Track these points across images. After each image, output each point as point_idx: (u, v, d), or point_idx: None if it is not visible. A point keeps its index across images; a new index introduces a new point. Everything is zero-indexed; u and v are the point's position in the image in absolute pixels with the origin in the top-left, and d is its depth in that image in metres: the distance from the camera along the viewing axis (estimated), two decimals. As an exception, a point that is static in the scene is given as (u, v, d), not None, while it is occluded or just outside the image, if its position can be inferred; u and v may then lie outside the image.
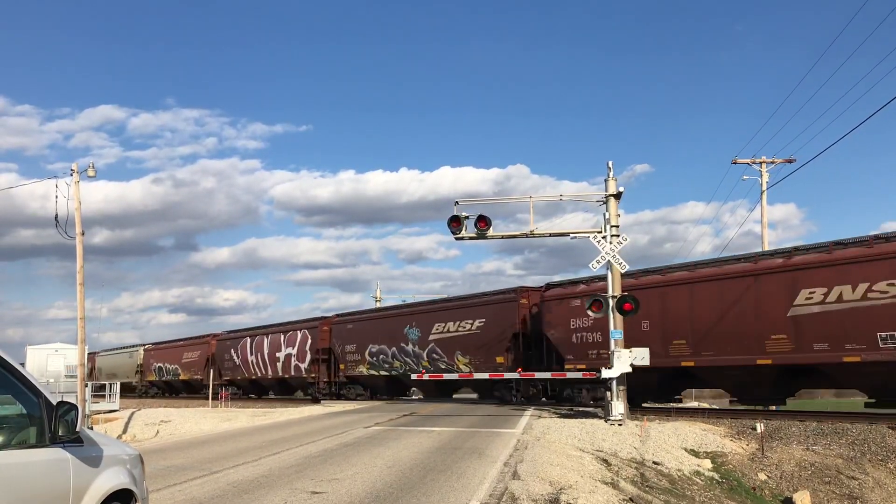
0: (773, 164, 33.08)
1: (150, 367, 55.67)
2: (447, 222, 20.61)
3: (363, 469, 12.07)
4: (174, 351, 53.22)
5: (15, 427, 5.07)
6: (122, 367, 58.92)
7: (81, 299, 26.50)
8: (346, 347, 36.64)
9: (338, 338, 37.34)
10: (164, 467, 12.71)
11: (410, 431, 18.49)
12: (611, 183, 20.27)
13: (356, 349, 35.94)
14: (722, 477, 14.70)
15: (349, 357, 36.35)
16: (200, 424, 24.70)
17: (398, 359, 33.21)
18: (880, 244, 17.77)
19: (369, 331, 35.53)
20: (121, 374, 57.77)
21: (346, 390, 37.23)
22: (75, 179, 26.50)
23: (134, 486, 5.92)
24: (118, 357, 60.76)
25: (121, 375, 57.54)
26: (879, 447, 15.52)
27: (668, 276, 22.84)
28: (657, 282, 22.85)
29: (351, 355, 36.25)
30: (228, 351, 46.35)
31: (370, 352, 34.94)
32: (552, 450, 14.32)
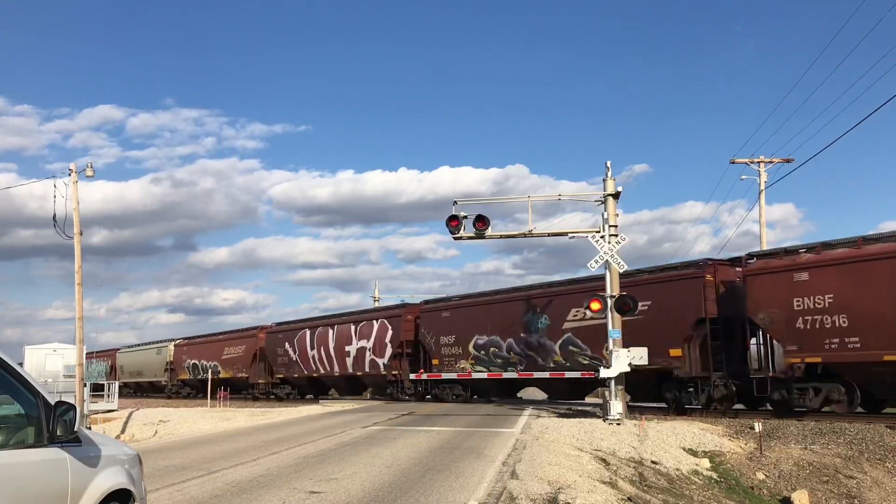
0: (771, 163, 33.10)
1: (183, 365, 50.11)
2: (446, 222, 20.63)
3: (362, 469, 12.07)
4: (212, 346, 47.12)
5: (13, 427, 5.07)
6: (148, 365, 55.02)
7: (79, 299, 26.49)
8: (440, 339, 31.25)
9: (428, 328, 32.08)
10: (162, 467, 12.70)
11: (409, 431, 18.49)
12: (609, 183, 20.28)
13: (455, 341, 30.55)
14: (720, 476, 14.72)
15: (445, 350, 30.95)
16: (199, 424, 24.70)
17: (517, 352, 27.73)
18: None
19: (473, 318, 30.00)
20: (147, 373, 55.05)
21: (442, 391, 31.68)
22: (73, 179, 26.49)
23: (132, 486, 5.92)
24: (143, 354, 56.51)
25: (147, 374, 55.10)
26: (877, 446, 15.54)
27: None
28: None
29: (448, 348, 30.86)
30: (282, 345, 40.73)
31: (476, 344, 29.55)
32: (551, 449, 14.33)
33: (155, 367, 53.90)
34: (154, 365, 54.14)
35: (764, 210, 32.98)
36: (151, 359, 54.84)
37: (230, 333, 47.88)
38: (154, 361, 54.19)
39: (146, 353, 56.41)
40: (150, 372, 54.58)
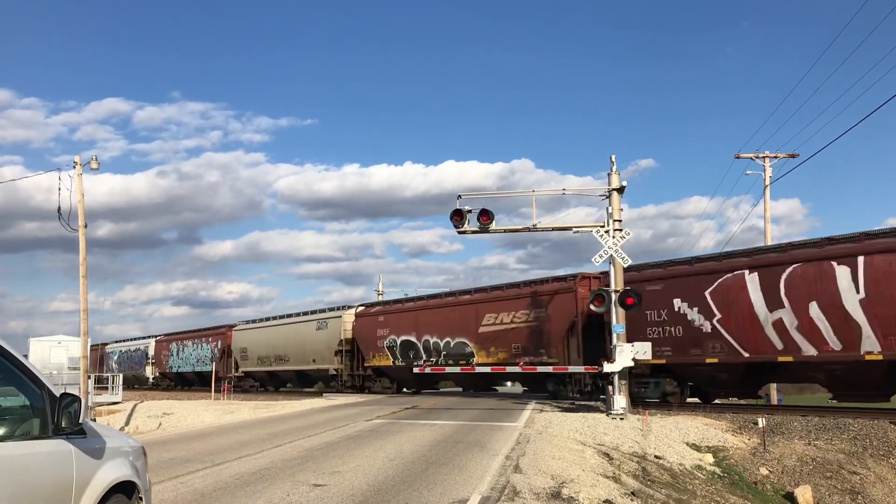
0: (776, 158, 32.99)
1: (383, 342, 34.89)
2: (450, 216, 20.61)
3: (365, 462, 12.09)
4: (438, 312, 32.48)
5: (18, 418, 5.07)
6: (309, 343, 39.82)
7: (84, 292, 26.56)
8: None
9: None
10: (166, 459, 12.74)
11: (412, 425, 18.52)
12: (613, 177, 20.24)
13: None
14: (723, 471, 14.71)
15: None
16: (203, 417, 24.76)
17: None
18: None
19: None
20: (306, 357, 40.35)
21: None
22: (78, 172, 26.52)
23: (137, 478, 5.93)
24: (292, 329, 41.77)
25: (304, 359, 40.64)
26: (881, 442, 15.53)
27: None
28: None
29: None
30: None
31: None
32: (554, 444, 14.34)
33: (321, 347, 39.12)
34: (320, 344, 39.16)
35: (769, 205, 32.92)
36: (311, 335, 39.92)
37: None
38: (319, 340, 39.28)
39: (302, 327, 40.92)
40: (314, 353, 39.75)
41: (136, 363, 60.51)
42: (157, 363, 56.93)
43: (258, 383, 46.05)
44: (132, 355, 61.85)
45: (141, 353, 59.75)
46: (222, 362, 46.89)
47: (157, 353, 57.52)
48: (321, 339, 39.39)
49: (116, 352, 64.48)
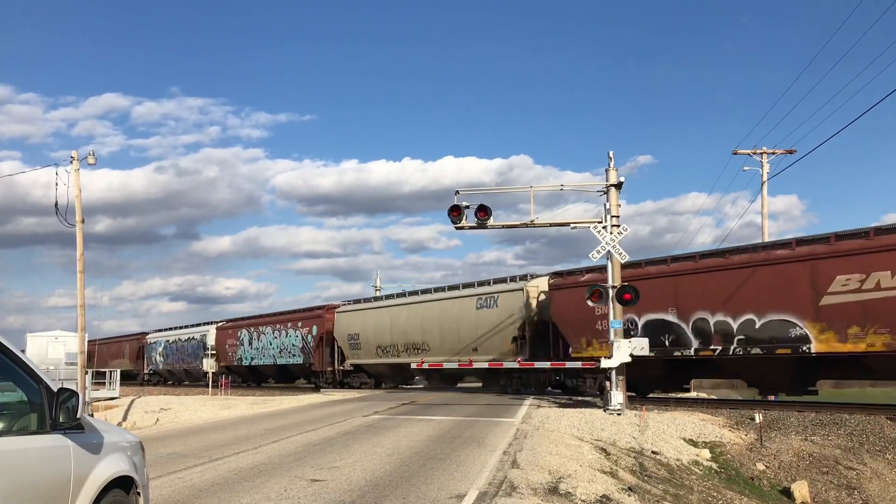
0: (773, 154, 33.01)
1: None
2: (447, 212, 20.60)
3: (363, 457, 12.10)
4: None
5: (16, 414, 5.08)
6: (465, 327, 29.76)
7: (81, 287, 26.50)
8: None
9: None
10: (164, 454, 12.75)
11: (410, 420, 18.53)
12: (611, 173, 20.24)
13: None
14: (720, 467, 14.74)
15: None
16: (200, 412, 24.76)
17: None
18: None
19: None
20: (459, 345, 29.85)
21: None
22: (75, 167, 26.46)
23: (134, 473, 5.93)
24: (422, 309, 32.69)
25: (455, 348, 30.03)
26: (878, 438, 15.57)
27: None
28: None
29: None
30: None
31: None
32: (551, 439, 14.36)
33: (481, 332, 29.14)
34: (479, 328, 29.24)
35: (766, 201, 32.94)
36: (464, 316, 29.93)
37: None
38: (478, 322, 29.24)
39: (442, 309, 31.38)
40: (454, 342, 30.20)
41: (189, 355, 50.53)
42: (221, 355, 46.40)
43: (372, 379, 37.04)
44: (183, 346, 51.63)
45: (196, 343, 49.71)
46: (318, 353, 38.58)
47: (219, 342, 47.52)
48: (487, 320, 28.35)
49: (161, 342, 55.09)
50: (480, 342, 29.06)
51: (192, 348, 50.37)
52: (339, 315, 38.16)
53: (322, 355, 38.61)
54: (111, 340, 64.00)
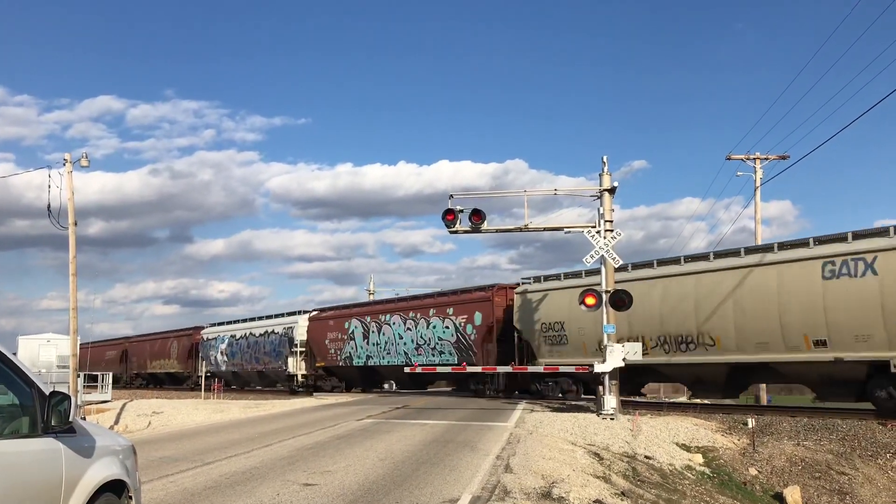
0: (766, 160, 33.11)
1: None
2: (442, 216, 20.64)
3: (356, 461, 12.08)
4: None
5: (7, 417, 5.05)
6: (814, 305, 18.59)
7: (74, 290, 26.44)
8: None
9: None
10: (156, 458, 12.69)
11: (403, 424, 18.51)
12: (605, 178, 20.29)
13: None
14: (713, 471, 14.77)
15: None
16: (192, 416, 24.68)
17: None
18: None
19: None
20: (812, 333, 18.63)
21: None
22: (68, 169, 26.39)
23: (126, 477, 5.90)
24: (767, 275, 19.86)
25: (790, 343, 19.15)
26: (869, 443, 15.62)
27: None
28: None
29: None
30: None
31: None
32: (544, 443, 14.36)
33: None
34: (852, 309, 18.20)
35: (759, 206, 33.03)
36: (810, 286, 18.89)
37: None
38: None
39: (765, 277, 20.01)
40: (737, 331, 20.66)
41: (266, 354, 41.62)
42: (317, 352, 37.77)
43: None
44: (258, 343, 42.42)
45: (277, 338, 40.53)
46: (482, 350, 28.25)
47: (314, 336, 38.17)
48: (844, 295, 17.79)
49: (224, 338, 46.05)
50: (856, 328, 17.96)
51: (271, 345, 41.12)
52: (531, 295, 26.97)
53: (487, 354, 28.29)
54: (150, 337, 57.54)
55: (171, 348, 51.98)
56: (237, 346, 44.66)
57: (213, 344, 47.17)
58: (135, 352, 57.91)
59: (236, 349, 44.70)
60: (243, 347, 44.00)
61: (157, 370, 54.19)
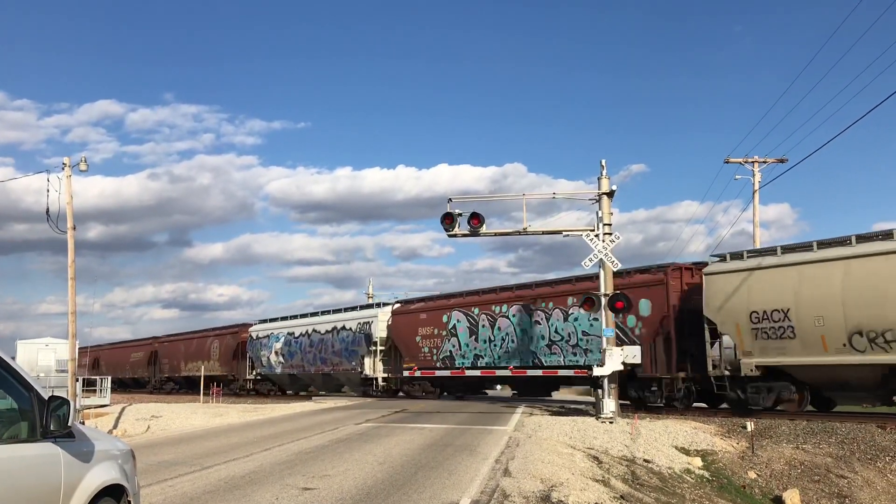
0: (765, 163, 33.10)
1: None
2: (440, 219, 20.64)
3: (354, 465, 12.07)
4: None
5: (6, 421, 5.06)
6: None
7: (72, 294, 26.40)
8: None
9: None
10: (154, 463, 12.68)
11: (402, 428, 18.50)
12: (603, 181, 20.31)
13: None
14: (712, 475, 14.76)
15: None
16: (191, 420, 24.64)
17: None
18: None
19: None
20: None
21: None
22: (67, 174, 26.38)
23: (125, 482, 5.91)
24: None
25: None
26: (868, 446, 15.61)
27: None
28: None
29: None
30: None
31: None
32: (544, 447, 14.36)
33: None
34: None
35: (757, 210, 33.03)
36: None
37: None
38: None
39: None
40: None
41: (335, 353, 36.08)
42: (405, 351, 32.02)
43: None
44: (325, 341, 36.72)
45: (350, 335, 35.23)
46: (654, 346, 22.62)
47: (399, 333, 32.53)
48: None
49: (279, 336, 40.53)
50: None
51: (342, 343, 35.59)
52: (722, 276, 21.09)
53: (660, 351, 22.57)
54: (185, 337, 51.73)
55: (212, 348, 46.47)
56: (297, 345, 39.01)
57: (265, 343, 41.44)
58: (166, 353, 52.67)
59: (295, 348, 39.04)
60: (304, 346, 38.36)
61: (194, 373, 45.63)
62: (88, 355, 47.92)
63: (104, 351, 60.82)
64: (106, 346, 61.95)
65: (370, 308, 35.46)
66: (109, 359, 59.40)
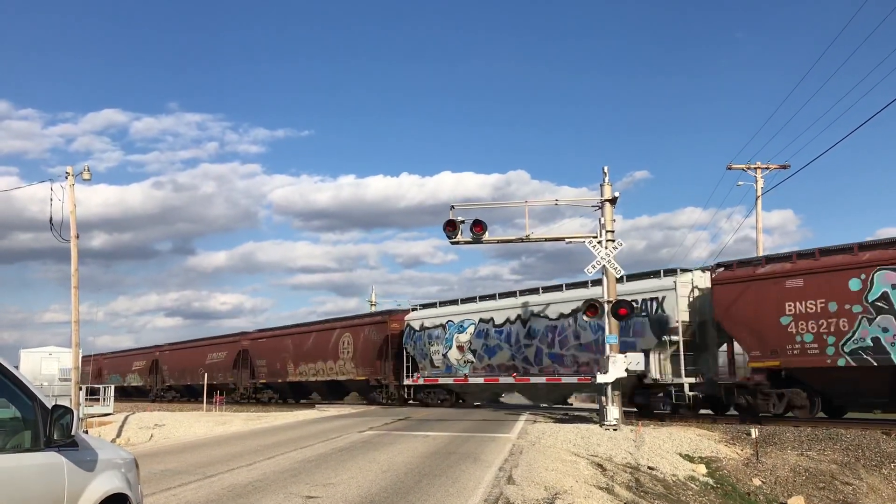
0: (767, 170, 33.15)
1: None
2: (443, 226, 20.66)
3: (358, 474, 12.05)
4: None
5: (9, 431, 5.05)
6: None
7: (76, 302, 26.45)
8: None
9: None
10: (158, 471, 12.67)
11: (405, 436, 18.46)
12: (606, 188, 20.32)
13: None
14: (717, 482, 14.71)
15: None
16: (194, 428, 24.63)
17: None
18: None
19: None
20: None
21: None
22: (70, 182, 26.46)
23: (129, 491, 5.90)
24: None
25: None
26: (873, 452, 15.56)
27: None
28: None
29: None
30: None
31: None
32: (547, 454, 14.32)
33: None
34: None
35: (760, 216, 33.04)
36: None
37: None
38: None
39: None
40: None
41: (588, 347, 24.72)
42: (751, 342, 20.70)
43: None
44: (563, 328, 25.94)
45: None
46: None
47: (737, 311, 21.02)
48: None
49: (467, 324, 30.06)
50: None
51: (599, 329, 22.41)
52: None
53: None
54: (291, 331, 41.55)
55: (342, 345, 36.77)
56: (502, 337, 28.24)
57: (437, 335, 31.31)
58: (261, 352, 42.71)
59: (500, 341, 28.29)
60: (519, 338, 27.49)
61: (312, 377, 38.65)
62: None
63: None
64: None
65: (655, 278, 23.71)
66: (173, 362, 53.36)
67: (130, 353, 60.53)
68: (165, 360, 53.48)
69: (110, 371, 58.54)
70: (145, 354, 57.17)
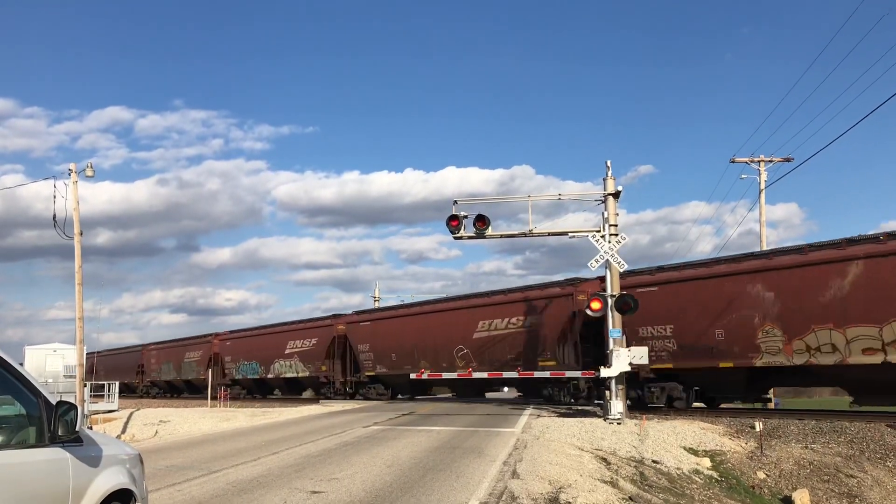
0: (771, 162, 33.07)
1: None
2: (446, 222, 20.64)
3: (362, 468, 12.07)
4: None
5: (14, 427, 5.07)
6: None
7: (80, 299, 26.47)
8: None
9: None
10: (163, 467, 12.71)
11: (409, 431, 18.49)
12: (609, 182, 20.27)
13: None
14: (721, 475, 14.71)
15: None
16: (199, 424, 24.69)
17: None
18: None
19: None
20: None
21: None
22: (73, 180, 26.47)
23: (133, 486, 5.92)
24: None
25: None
26: (878, 445, 15.54)
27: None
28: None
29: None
30: None
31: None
32: (551, 449, 14.33)
33: None
34: None
35: (764, 209, 32.96)
36: None
37: None
38: None
39: None
40: None
41: None
42: None
43: None
44: None
45: None
46: None
47: None
48: None
49: None
50: None
51: None
52: None
53: None
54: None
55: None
56: None
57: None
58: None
59: None
60: None
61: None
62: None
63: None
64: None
65: None
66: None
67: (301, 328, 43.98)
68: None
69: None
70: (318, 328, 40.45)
